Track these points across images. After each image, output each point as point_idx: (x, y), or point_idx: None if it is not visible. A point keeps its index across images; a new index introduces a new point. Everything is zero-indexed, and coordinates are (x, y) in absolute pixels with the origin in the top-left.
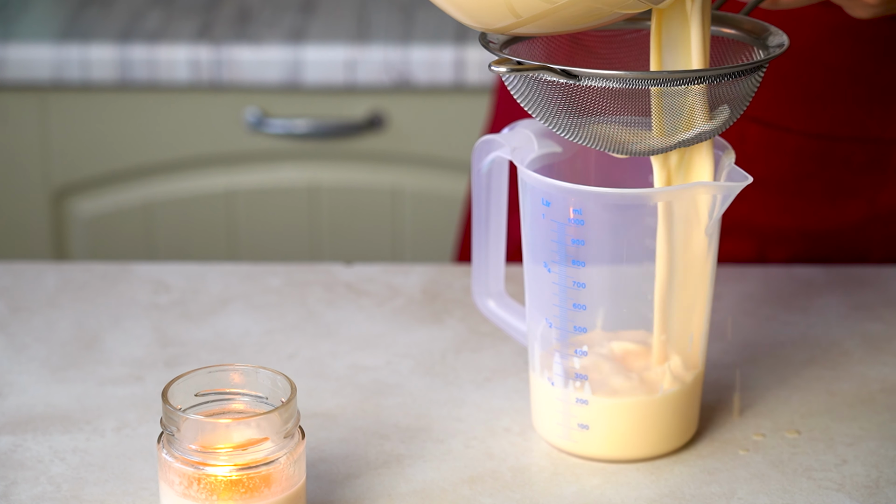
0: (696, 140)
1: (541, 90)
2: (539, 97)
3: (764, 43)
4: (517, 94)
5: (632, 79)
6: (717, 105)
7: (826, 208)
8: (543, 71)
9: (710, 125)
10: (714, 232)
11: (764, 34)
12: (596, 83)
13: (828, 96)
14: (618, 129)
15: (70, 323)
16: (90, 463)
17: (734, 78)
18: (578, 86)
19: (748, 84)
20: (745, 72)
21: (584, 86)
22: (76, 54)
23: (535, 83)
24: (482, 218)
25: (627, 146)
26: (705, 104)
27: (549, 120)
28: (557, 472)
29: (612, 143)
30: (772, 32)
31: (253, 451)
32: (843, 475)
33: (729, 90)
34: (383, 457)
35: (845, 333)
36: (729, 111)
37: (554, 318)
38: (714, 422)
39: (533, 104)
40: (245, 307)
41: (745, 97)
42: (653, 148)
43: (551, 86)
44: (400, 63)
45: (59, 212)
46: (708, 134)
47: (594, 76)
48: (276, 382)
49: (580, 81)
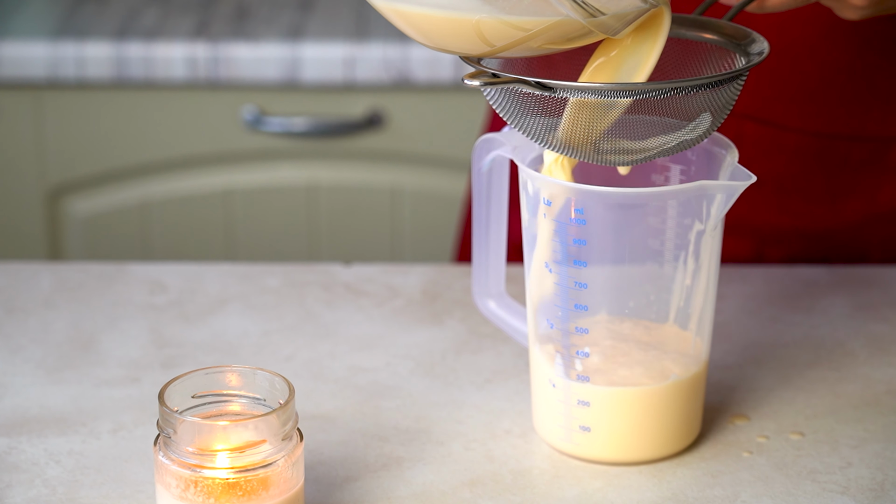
0: (678, 149)
1: (517, 102)
2: (516, 109)
3: (745, 49)
4: (496, 106)
5: (607, 91)
6: (698, 114)
7: (824, 207)
8: (518, 83)
9: (692, 134)
10: (718, 230)
11: (746, 40)
12: (572, 95)
13: (825, 94)
14: (599, 140)
15: (66, 324)
16: (86, 465)
17: (712, 87)
18: (555, 98)
19: (727, 92)
20: (724, 81)
21: (561, 97)
22: (72, 52)
23: (511, 95)
24: (483, 217)
25: (611, 158)
26: (685, 113)
27: (529, 131)
28: (559, 474)
29: (593, 154)
30: (754, 39)
31: (251, 453)
32: (848, 478)
33: (708, 99)
34: (382, 459)
35: (850, 334)
36: (710, 119)
37: (555, 319)
38: (717, 423)
39: (510, 116)
40: (243, 308)
41: (726, 105)
42: (633, 159)
43: (527, 98)
44: (399, 60)
45: (55, 211)
46: (690, 143)
47: (569, 88)
48: (273, 384)
49: (556, 94)
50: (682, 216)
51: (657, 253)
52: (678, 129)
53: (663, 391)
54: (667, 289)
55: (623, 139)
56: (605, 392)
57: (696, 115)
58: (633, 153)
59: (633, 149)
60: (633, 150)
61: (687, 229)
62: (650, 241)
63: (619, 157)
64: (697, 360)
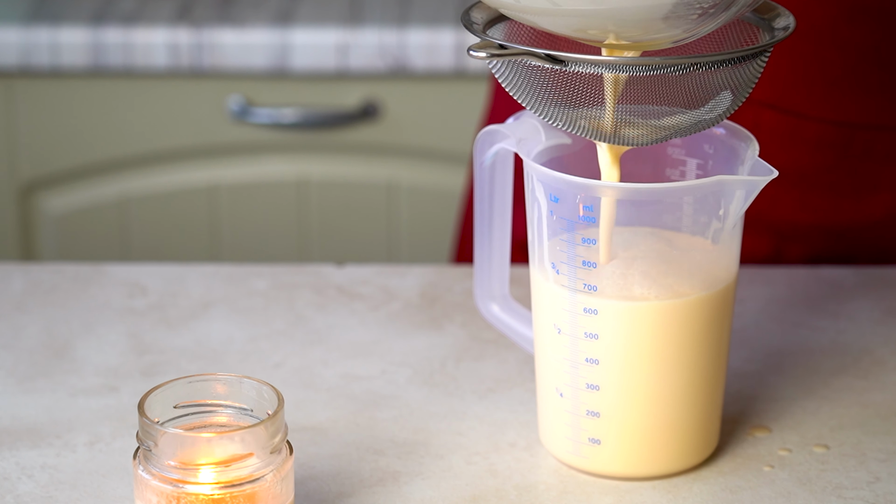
0: (694, 129)
1: (527, 76)
2: (526, 84)
3: (769, 24)
4: (503, 80)
5: (624, 65)
6: (718, 92)
7: (847, 202)
8: (527, 56)
9: (711, 113)
10: (737, 229)
11: (770, 14)
12: (585, 69)
13: (848, 80)
14: (612, 117)
15: (38, 329)
16: (60, 480)
17: (734, 64)
18: (566, 72)
19: (750, 70)
20: (747, 57)
21: (573, 72)
22: (45, 38)
23: (520, 69)
24: (485, 215)
25: (624, 137)
26: (704, 91)
27: (538, 108)
28: (566, 490)
29: (607, 133)
30: (779, 13)
31: (237, 467)
32: (876, 493)
33: (729, 76)
34: (378, 474)
35: (878, 340)
36: (731, 98)
37: (563, 324)
38: (736, 436)
39: (519, 91)
40: (228, 312)
41: (748, 83)
42: (650, 139)
43: (538, 71)
44: (396, 47)
45: (27, 208)
46: (708, 122)
47: (583, 62)
48: (261, 393)
49: (567, 67)
50: (698, 213)
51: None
52: (696, 108)
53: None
54: None
55: (637, 117)
56: (617, 402)
57: (716, 93)
58: (647, 132)
59: (648, 127)
60: (647, 129)
61: (704, 228)
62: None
63: (633, 137)
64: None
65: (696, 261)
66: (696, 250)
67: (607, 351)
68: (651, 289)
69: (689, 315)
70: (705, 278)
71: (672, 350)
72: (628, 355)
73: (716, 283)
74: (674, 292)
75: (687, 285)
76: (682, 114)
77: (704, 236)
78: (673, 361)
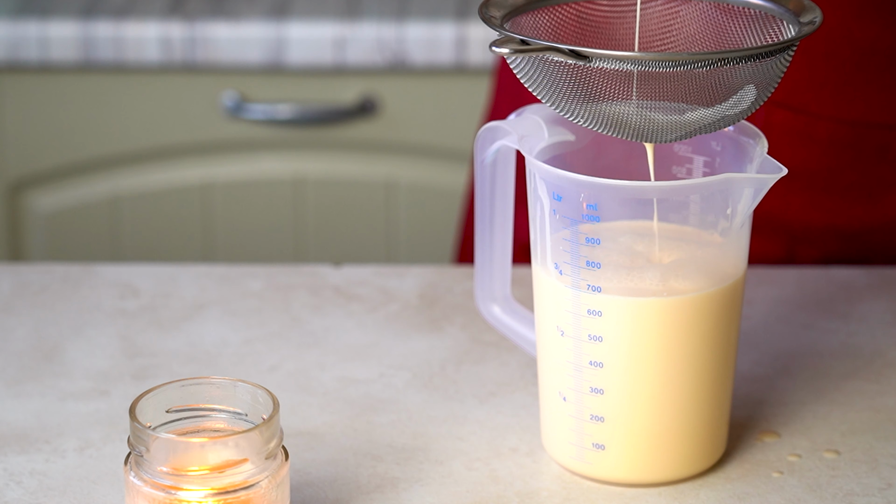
0: (718, 126)
1: (548, 72)
2: (546, 80)
3: (796, 17)
4: (522, 75)
5: (648, 60)
6: (741, 87)
7: (860, 203)
8: (550, 52)
9: (734, 110)
10: (745, 228)
11: (796, 7)
12: (609, 65)
13: (861, 79)
14: (635, 114)
15: (27, 331)
16: (49, 487)
17: (760, 59)
18: (589, 67)
19: (776, 65)
20: (772, 52)
21: (596, 68)
22: (34, 31)
23: (541, 64)
24: (486, 214)
25: (647, 133)
26: (729, 87)
27: (559, 104)
28: (570, 497)
29: (629, 129)
30: (805, 7)
31: (231, 473)
32: (888, 500)
33: (755, 72)
34: (376, 480)
35: (891, 342)
36: (755, 94)
37: (566, 326)
38: (744, 441)
39: (539, 87)
40: (222, 313)
41: (773, 79)
42: (673, 135)
43: (560, 67)
44: (395, 41)
45: (15, 207)
46: (731, 119)
47: (606, 57)
48: (256, 397)
49: (591, 63)
50: (705, 212)
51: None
52: (719, 104)
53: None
54: None
55: (659, 113)
56: (622, 406)
57: (740, 89)
58: (669, 130)
59: (670, 124)
60: (669, 127)
61: (711, 227)
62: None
63: (655, 133)
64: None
65: (704, 256)
66: (704, 245)
67: (612, 353)
68: (657, 284)
69: (695, 312)
70: (713, 274)
71: (678, 351)
72: (633, 357)
73: (724, 279)
74: (680, 288)
75: (694, 281)
76: (705, 110)
77: (712, 232)
78: (679, 363)
